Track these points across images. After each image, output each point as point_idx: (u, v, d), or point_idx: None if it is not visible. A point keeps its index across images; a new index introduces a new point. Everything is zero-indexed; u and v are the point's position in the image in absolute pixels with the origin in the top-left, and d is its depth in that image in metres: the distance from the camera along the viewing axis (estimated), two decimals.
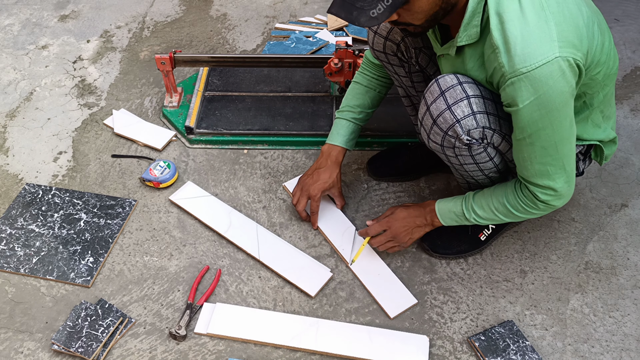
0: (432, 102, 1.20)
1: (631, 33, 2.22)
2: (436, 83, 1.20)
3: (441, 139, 1.22)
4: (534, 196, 1.20)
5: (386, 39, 1.39)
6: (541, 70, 1.00)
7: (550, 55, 1.00)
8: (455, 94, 1.16)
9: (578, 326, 1.36)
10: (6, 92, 2.03)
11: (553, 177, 1.16)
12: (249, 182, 1.70)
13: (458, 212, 1.32)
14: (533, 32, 1.00)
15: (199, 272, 1.46)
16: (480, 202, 1.30)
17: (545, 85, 1.01)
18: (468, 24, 1.08)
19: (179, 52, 1.82)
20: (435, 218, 1.36)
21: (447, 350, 1.32)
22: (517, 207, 1.24)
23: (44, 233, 1.54)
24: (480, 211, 1.29)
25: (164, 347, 1.32)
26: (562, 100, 1.05)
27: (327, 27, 2.29)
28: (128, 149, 1.80)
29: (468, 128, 1.17)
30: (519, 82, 1.03)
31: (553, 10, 1.02)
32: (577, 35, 1.03)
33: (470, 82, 1.17)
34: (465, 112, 1.16)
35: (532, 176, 1.17)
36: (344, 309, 1.40)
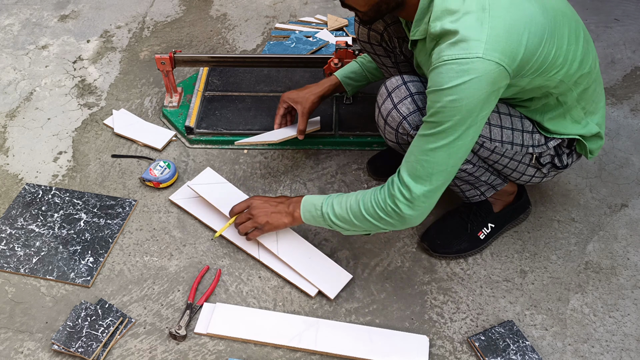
0: (382, 103, 1.29)
1: (631, 33, 2.22)
2: (384, 85, 1.28)
3: (394, 137, 1.31)
4: (390, 189, 1.17)
5: (369, 29, 1.43)
6: (459, 63, 1.01)
7: (473, 54, 1.01)
8: (400, 94, 1.25)
9: (578, 326, 1.36)
10: (6, 92, 2.03)
11: (416, 179, 1.14)
12: (249, 182, 1.70)
13: (317, 205, 1.29)
14: (465, 30, 1.02)
15: (199, 272, 1.46)
16: (341, 198, 1.27)
17: (459, 79, 1.02)
18: (420, 20, 1.13)
19: (179, 52, 1.82)
20: (297, 209, 1.33)
21: (447, 350, 1.32)
22: (367, 206, 1.20)
23: (44, 233, 1.55)
24: (337, 207, 1.25)
25: (164, 347, 1.32)
26: (470, 104, 1.04)
27: (327, 27, 2.29)
28: (128, 149, 1.80)
29: (416, 123, 1.24)
30: (438, 68, 1.04)
31: (494, 13, 1.03)
32: (512, 43, 1.03)
33: (415, 80, 1.25)
34: (410, 109, 1.24)
35: (404, 163, 1.16)
36: (344, 309, 1.40)
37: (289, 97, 1.62)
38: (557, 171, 1.39)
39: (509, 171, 1.38)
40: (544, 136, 1.31)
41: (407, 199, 1.15)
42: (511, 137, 1.28)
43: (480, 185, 1.43)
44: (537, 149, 1.31)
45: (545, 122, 1.28)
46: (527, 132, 1.29)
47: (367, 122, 1.80)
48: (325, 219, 1.28)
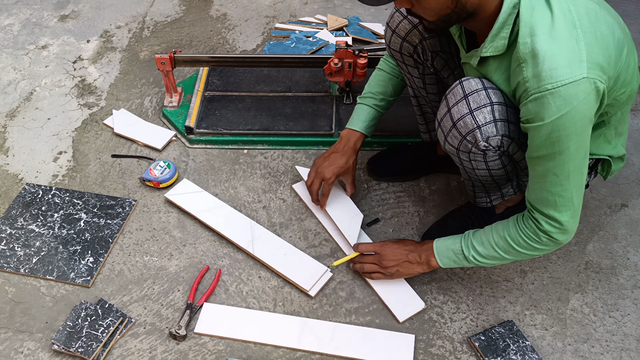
0: (454, 104, 1.17)
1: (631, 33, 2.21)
2: (460, 85, 1.17)
3: (458, 143, 1.20)
4: (537, 225, 1.14)
5: (404, 40, 1.37)
6: (567, 89, 0.97)
7: (578, 75, 0.96)
8: (479, 99, 1.14)
9: (578, 326, 1.36)
10: (6, 92, 2.03)
11: (560, 209, 1.11)
12: (249, 182, 1.70)
13: (457, 250, 1.26)
14: (562, 50, 0.97)
15: (199, 272, 1.46)
16: (480, 237, 1.24)
17: (569, 105, 0.98)
18: (496, 35, 1.05)
19: (179, 52, 1.82)
20: (431, 257, 1.30)
21: (447, 350, 1.32)
22: (518, 240, 1.18)
23: (44, 233, 1.54)
24: (480, 247, 1.23)
25: (164, 347, 1.32)
26: (583, 125, 1.02)
27: (327, 27, 2.29)
28: (128, 149, 1.80)
29: (487, 135, 1.15)
30: (542, 98, 0.99)
31: (585, 29, 0.99)
32: (605, 58, 1.01)
33: (494, 88, 1.14)
34: (488, 118, 1.14)
35: (538, 202, 1.13)
36: (344, 309, 1.40)
37: (336, 173, 1.49)
38: None
39: None
40: None
41: (559, 229, 1.13)
42: None
43: (492, 194, 1.43)
44: None
45: None
46: None
47: None
48: (470, 260, 1.25)
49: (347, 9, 2.43)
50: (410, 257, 1.34)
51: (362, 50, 1.73)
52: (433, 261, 1.31)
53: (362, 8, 2.43)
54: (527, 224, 1.17)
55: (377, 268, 1.38)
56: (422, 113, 1.59)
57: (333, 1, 2.47)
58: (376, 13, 2.41)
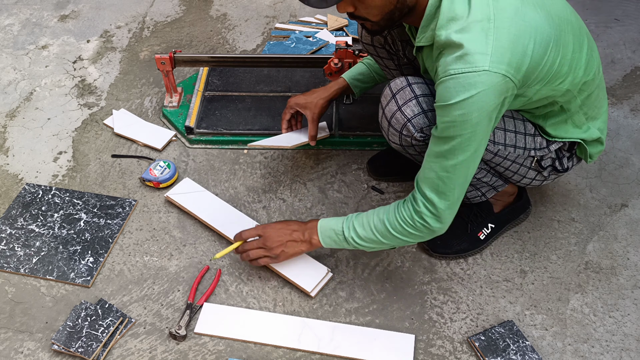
0: (386, 104, 1.26)
1: (631, 33, 2.22)
2: (388, 87, 1.26)
3: (398, 139, 1.28)
4: (414, 206, 1.18)
5: None
6: (466, 77, 1.01)
7: (480, 67, 1.00)
8: (404, 95, 1.23)
9: (578, 326, 1.36)
10: (6, 92, 2.03)
11: (440, 194, 1.15)
12: (249, 182, 1.70)
13: (338, 230, 1.28)
14: (470, 42, 1.01)
15: (199, 272, 1.46)
16: (361, 219, 1.26)
17: (467, 93, 1.02)
18: (426, 26, 1.11)
19: (179, 52, 1.82)
20: (314, 235, 1.31)
21: (447, 350, 1.32)
22: (394, 224, 1.20)
23: (44, 233, 1.55)
24: (360, 229, 1.25)
25: (164, 347, 1.32)
26: (478, 116, 1.04)
27: (327, 27, 2.29)
28: (128, 149, 1.80)
29: (420, 126, 1.22)
30: (445, 82, 1.04)
31: (499, 24, 1.02)
32: (517, 54, 1.03)
33: (420, 82, 1.23)
34: (415, 111, 1.22)
35: (423, 180, 1.17)
36: (344, 309, 1.40)
37: (297, 102, 1.58)
38: (558, 174, 1.39)
39: (510, 174, 1.38)
40: (545, 139, 1.31)
41: (433, 213, 1.16)
42: (514, 140, 1.28)
43: (481, 187, 1.43)
44: (538, 152, 1.31)
45: (547, 127, 1.28)
46: (530, 135, 1.29)
47: (367, 122, 1.80)
48: (349, 242, 1.27)
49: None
50: (294, 235, 1.34)
51: (362, 50, 1.73)
52: (315, 239, 1.32)
53: None
54: (406, 207, 1.20)
55: (262, 252, 1.36)
56: None
57: None
58: None
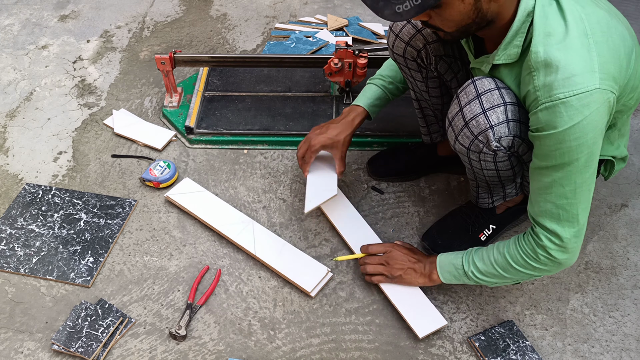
0: (467, 103, 1.16)
1: None
2: (473, 84, 1.15)
3: (469, 143, 1.19)
4: (536, 241, 1.12)
5: (407, 44, 1.37)
6: (579, 99, 0.96)
7: (591, 86, 0.96)
8: (492, 99, 1.12)
9: (578, 326, 1.36)
10: (6, 92, 2.03)
11: (563, 223, 1.09)
12: (249, 182, 1.70)
13: (457, 265, 1.26)
14: (575, 60, 0.96)
15: (199, 272, 1.46)
16: (481, 254, 1.23)
17: (581, 115, 0.97)
18: (509, 43, 1.05)
19: (179, 52, 1.82)
20: (434, 270, 1.31)
21: (447, 350, 1.32)
22: (516, 258, 1.16)
23: (44, 233, 1.54)
24: (480, 263, 1.22)
25: (164, 347, 1.32)
26: (594, 136, 1.00)
27: (327, 27, 2.29)
28: (128, 149, 1.80)
29: (500, 135, 1.14)
30: (554, 107, 0.98)
31: (597, 39, 0.98)
32: (617, 68, 1.00)
33: (507, 88, 1.14)
34: (501, 118, 1.12)
35: (540, 214, 1.11)
36: (344, 309, 1.40)
37: (322, 144, 1.45)
38: None
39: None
40: None
41: (559, 246, 1.11)
42: None
43: (496, 194, 1.42)
44: None
45: None
46: None
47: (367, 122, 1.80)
48: (470, 277, 1.24)
49: (347, 9, 2.43)
50: (416, 266, 1.34)
51: (362, 50, 1.73)
52: (435, 275, 1.31)
53: (362, 8, 2.43)
54: (527, 241, 1.15)
55: (382, 269, 1.37)
56: (423, 116, 1.59)
57: (333, 1, 2.47)
58: None
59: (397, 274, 1.35)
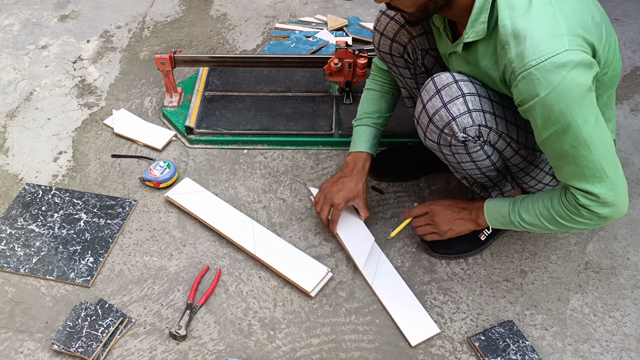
0: (428, 100, 1.20)
1: (631, 33, 2.22)
2: (432, 81, 1.20)
3: (437, 137, 1.22)
4: (575, 200, 1.12)
5: (393, 41, 1.38)
6: (551, 61, 0.97)
7: (560, 48, 0.97)
8: (450, 92, 1.17)
9: (578, 326, 1.36)
10: (6, 92, 2.03)
11: (591, 180, 1.09)
12: (249, 182, 1.70)
13: (504, 213, 1.27)
14: (542, 26, 0.98)
15: (199, 272, 1.46)
16: (526, 205, 1.23)
17: (559, 76, 0.98)
18: (475, 20, 1.07)
19: (179, 52, 1.82)
20: (481, 215, 1.32)
21: (447, 350, 1.32)
22: (560, 213, 1.17)
23: (44, 233, 1.54)
24: (526, 214, 1.23)
25: (164, 347, 1.32)
26: (580, 93, 1.00)
27: (327, 27, 2.29)
28: (128, 149, 1.80)
29: (464, 126, 1.17)
30: (529, 75, 0.99)
31: (561, 5, 1.00)
32: (586, 31, 1.01)
33: (465, 79, 1.18)
34: (461, 109, 1.16)
35: (568, 178, 1.12)
36: (344, 309, 1.40)
37: (345, 199, 1.44)
38: None
39: (528, 178, 1.37)
40: None
41: (597, 202, 1.11)
42: (534, 143, 1.26)
43: (493, 191, 1.43)
44: None
45: None
46: None
47: None
48: (517, 225, 1.25)
49: (347, 9, 2.43)
50: (462, 214, 1.36)
51: (362, 50, 1.73)
52: (482, 219, 1.32)
53: (362, 8, 2.43)
54: (568, 198, 1.15)
55: (430, 229, 1.40)
56: None
57: (333, 1, 2.47)
58: (376, 13, 2.41)
59: (447, 227, 1.37)
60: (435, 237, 1.41)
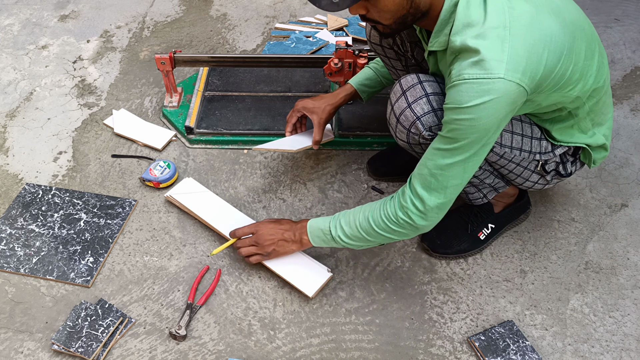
0: (395, 101, 1.25)
1: (631, 33, 2.22)
2: (399, 83, 1.25)
3: (406, 136, 1.27)
4: (401, 202, 1.18)
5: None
6: (480, 83, 1.00)
7: (495, 74, 0.99)
8: (415, 93, 1.21)
9: (578, 326, 1.36)
10: (6, 92, 2.03)
11: (431, 191, 1.14)
12: (249, 182, 1.70)
13: (325, 229, 1.29)
14: (486, 48, 1.00)
15: (199, 272, 1.46)
16: (348, 218, 1.27)
17: (480, 99, 1.01)
18: (439, 31, 1.11)
19: (179, 52, 1.82)
20: (304, 234, 1.34)
21: (447, 350, 1.32)
22: (378, 221, 1.21)
23: (44, 233, 1.55)
24: (347, 227, 1.26)
25: (164, 347, 1.32)
26: (488, 123, 1.04)
27: (327, 27, 2.29)
28: (128, 149, 1.80)
29: (429, 125, 1.21)
30: (459, 85, 1.03)
31: (516, 31, 1.01)
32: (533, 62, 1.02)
33: (431, 80, 1.22)
34: (425, 109, 1.20)
35: (416, 176, 1.16)
36: (343, 309, 1.40)
37: (305, 106, 1.56)
38: (560, 179, 1.39)
39: (513, 176, 1.37)
40: (550, 143, 1.30)
41: (420, 211, 1.16)
42: (520, 143, 1.27)
43: (483, 188, 1.43)
44: (543, 155, 1.30)
45: (554, 131, 1.28)
46: (536, 139, 1.29)
47: (367, 122, 1.80)
48: (337, 241, 1.28)
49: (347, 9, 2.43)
50: (285, 235, 1.37)
51: (362, 50, 1.73)
52: (305, 239, 1.34)
53: None
54: (392, 203, 1.20)
55: (254, 250, 1.40)
56: None
57: None
58: None
59: (270, 249, 1.38)
60: (259, 259, 1.41)
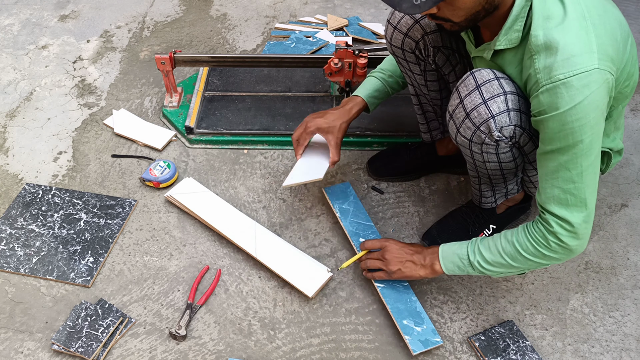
0: (467, 94, 1.16)
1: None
2: (472, 76, 1.16)
3: (471, 134, 1.19)
4: (546, 227, 1.10)
5: (405, 36, 1.37)
6: (579, 79, 0.96)
7: (590, 66, 0.96)
8: (492, 89, 1.13)
9: (578, 326, 1.36)
10: (6, 92, 2.03)
11: (571, 208, 1.07)
12: (249, 182, 1.70)
13: (462, 255, 1.22)
14: (574, 41, 0.97)
15: (199, 272, 1.46)
16: (487, 243, 1.20)
17: (582, 95, 0.97)
18: (510, 27, 1.06)
19: (179, 52, 1.82)
20: (436, 261, 1.26)
21: (447, 350, 1.32)
22: (526, 245, 1.13)
23: (44, 233, 1.54)
24: (487, 253, 1.18)
25: (164, 347, 1.32)
26: (596, 117, 1.00)
27: (327, 27, 2.29)
28: (128, 149, 1.80)
29: (501, 125, 1.14)
30: (554, 88, 0.98)
31: (594, 21, 0.99)
32: (614, 50, 1.01)
33: (506, 78, 1.14)
34: (501, 108, 1.13)
35: (549, 201, 1.10)
36: (344, 309, 1.40)
37: (319, 127, 1.45)
38: None
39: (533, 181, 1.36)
40: None
41: (570, 231, 1.09)
42: None
43: (499, 190, 1.42)
44: None
45: None
46: None
47: (367, 122, 1.80)
48: (475, 267, 1.20)
49: (347, 9, 2.43)
50: (414, 258, 1.30)
51: (362, 50, 1.73)
52: (437, 265, 1.26)
53: (362, 8, 2.43)
54: (536, 228, 1.13)
55: (380, 264, 1.34)
56: (423, 112, 1.58)
57: (333, 1, 2.47)
58: (376, 13, 2.41)
59: (395, 268, 1.31)
60: (383, 276, 1.35)
